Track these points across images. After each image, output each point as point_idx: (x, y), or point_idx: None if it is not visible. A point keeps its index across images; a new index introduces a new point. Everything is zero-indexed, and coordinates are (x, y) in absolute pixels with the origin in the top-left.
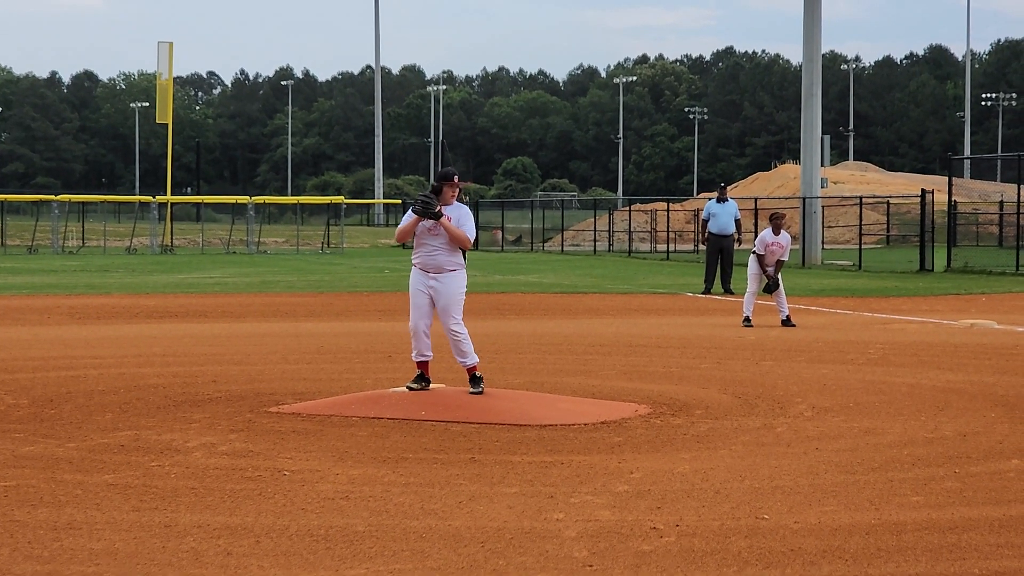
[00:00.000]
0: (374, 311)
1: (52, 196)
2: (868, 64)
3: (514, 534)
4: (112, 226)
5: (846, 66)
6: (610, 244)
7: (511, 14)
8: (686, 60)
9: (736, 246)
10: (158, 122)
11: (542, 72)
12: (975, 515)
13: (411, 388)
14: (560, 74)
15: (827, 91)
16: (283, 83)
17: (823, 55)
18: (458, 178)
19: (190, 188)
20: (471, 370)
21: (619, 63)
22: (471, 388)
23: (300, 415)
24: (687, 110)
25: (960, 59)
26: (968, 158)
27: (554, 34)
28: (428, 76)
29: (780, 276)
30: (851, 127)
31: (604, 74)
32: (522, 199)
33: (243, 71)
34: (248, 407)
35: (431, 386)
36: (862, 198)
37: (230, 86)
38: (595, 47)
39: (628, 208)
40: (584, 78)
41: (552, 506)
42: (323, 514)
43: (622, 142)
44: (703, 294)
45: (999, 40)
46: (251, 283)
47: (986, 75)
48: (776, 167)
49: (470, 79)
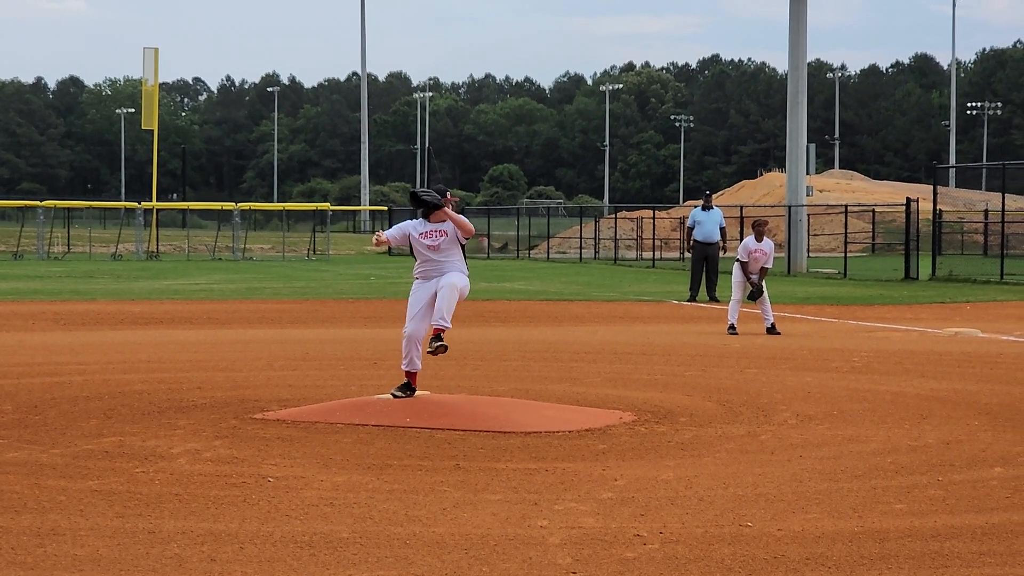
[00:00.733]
0: (360, 318)
1: (37, 202)
2: (854, 73)
3: (498, 541)
4: (98, 232)
5: (832, 74)
6: (596, 251)
7: (498, 21)
8: (672, 68)
9: (721, 254)
10: (144, 128)
11: (528, 79)
12: (958, 523)
13: (396, 396)
14: (546, 81)
15: (813, 99)
16: (269, 89)
17: (809, 63)
18: (450, 194)
19: (176, 194)
20: (438, 331)
21: (605, 70)
22: (432, 344)
23: (285, 422)
24: (673, 118)
25: (945, 68)
26: (953, 167)
27: (540, 41)
28: (414, 83)
29: (764, 284)
30: (837, 135)
31: (590, 81)
32: (508, 206)
33: (229, 77)
34: (233, 413)
35: (417, 394)
36: (847, 206)
37: (216, 92)
38: (581, 54)
39: (614, 216)
40: (570, 85)
41: (536, 513)
42: (307, 520)
43: (608, 149)
44: (688, 301)
45: (984, 49)
46: (237, 289)
47: (971, 84)
48: (762, 175)
49: (456, 86)
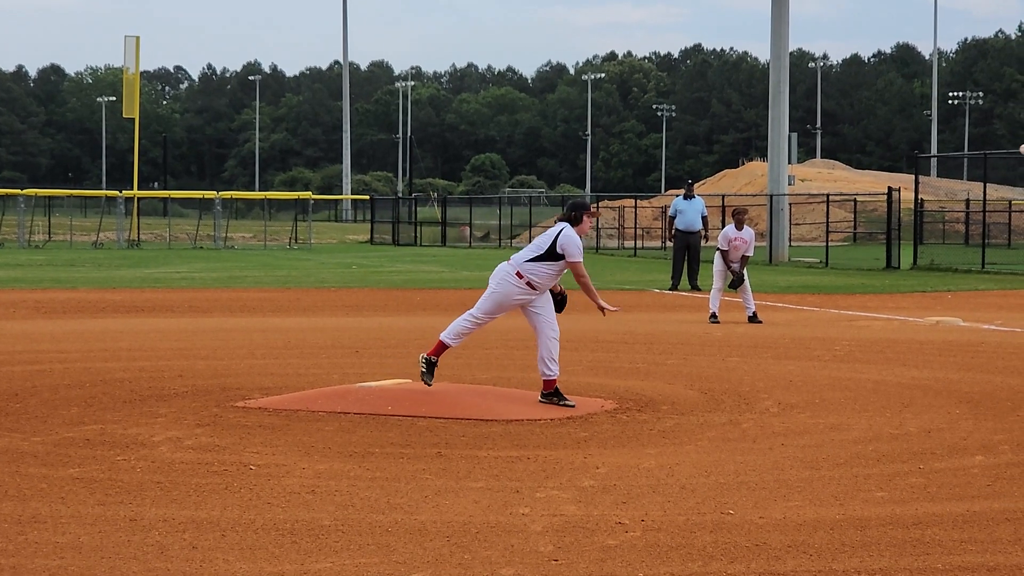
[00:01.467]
0: (341, 307)
1: (18, 190)
2: (836, 62)
3: (480, 528)
4: (78, 220)
5: (814, 64)
6: None
7: (480, 10)
8: (654, 57)
9: (703, 243)
10: (125, 116)
11: (511, 68)
12: (939, 511)
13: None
14: (528, 71)
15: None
16: (251, 78)
17: (791, 53)
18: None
19: (157, 183)
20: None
21: (587, 60)
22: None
23: (266, 410)
24: (655, 107)
25: (927, 58)
26: (935, 156)
27: (523, 30)
28: (396, 72)
29: (746, 272)
30: (819, 125)
31: (572, 71)
32: (490, 195)
33: (210, 66)
34: (214, 402)
35: (400, 383)
36: (829, 195)
37: (197, 81)
38: (564, 44)
39: (596, 205)
40: (552, 75)
41: (518, 500)
42: (289, 508)
43: (590, 139)
44: (670, 290)
45: (966, 39)
46: (218, 278)
47: (953, 74)
48: (744, 164)
49: (438, 75)
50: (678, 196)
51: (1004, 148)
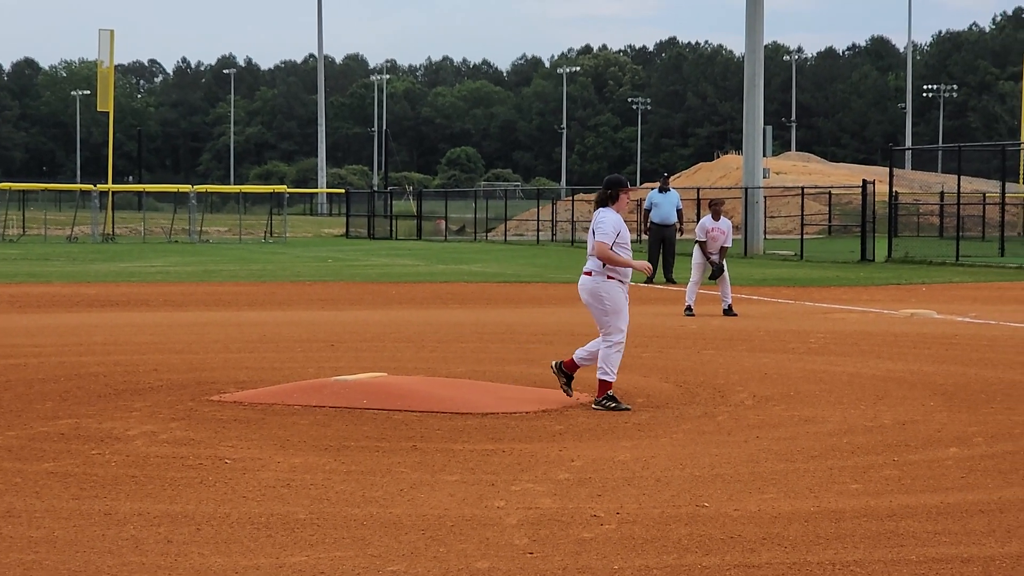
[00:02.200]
0: (317, 300)
1: None
2: (811, 55)
3: (455, 521)
4: (53, 215)
5: (788, 57)
6: (553, 234)
7: (455, 3)
8: (629, 50)
9: (678, 236)
10: (99, 110)
11: (486, 62)
12: (913, 503)
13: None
14: (504, 64)
15: (770, 82)
16: (225, 72)
17: (766, 46)
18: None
19: (132, 177)
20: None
21: (563, 53)
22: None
23: (242, 404)
24: (630, 100)
25: (902, 51)
26: (909, 149)
27: (498, 24)
28: (372, 65)
29: (725, 263)
30: (794, 118)
31: (548, 64)
32: (466, 189)
33: (185, 59)
34: (189, 396)
35: (375, 376)
36: (804, 188)
37: (172, 74)
38: (539, 37)
39: (571, 198)
40: (528, 68)
41: (493, 494)
42: (264, 502)
43: (565, 132)
44: (645, 283)
45: (940, 32)
46: (193, 272)
47: (927, 67)
48: (719, 157)
49: (414, 68)
50: (653, 189)
51: (978, 141)
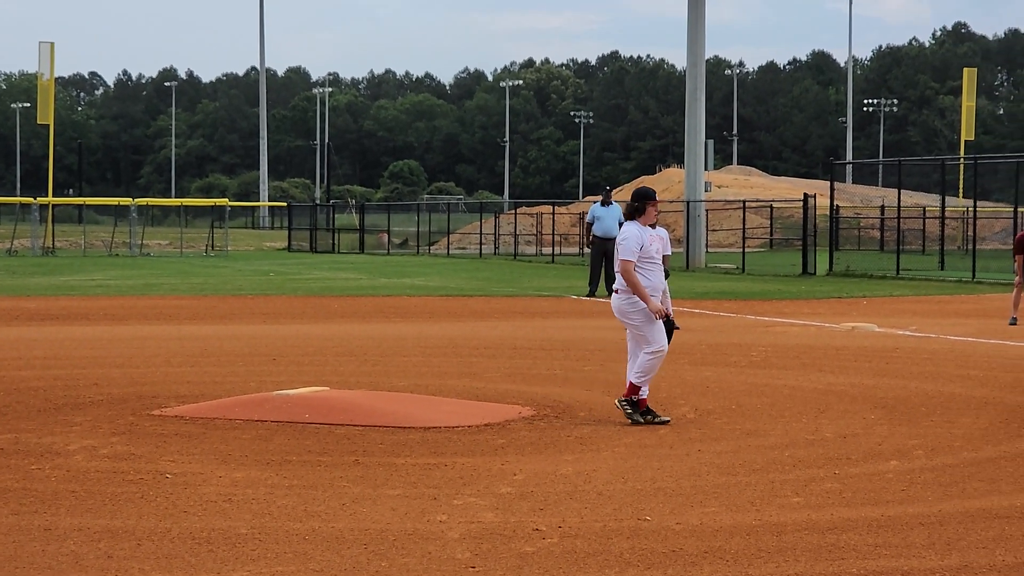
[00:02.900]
0: (259, 314)
1: None
2: (752, 69)
3: (397, 536)
4: None
5: (730, 71)
6: (496, 247)
7: (397, 16)
8: (572, 64)
9: None
10: (39, 123)
11: (428, 75)
12: (854, 515)
13: (651, 421)
14: (446, 77)
15: (711, 96)
16: (167, 84)
17: (707, 60)
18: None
19: (72, 190)
20: (631, 392)
21: (505, 67)
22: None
23: (183, 418)
24: (573, 114)
25: (842, 65)
26: (850, 163)
27: (440, 37)
28: (314, 78)
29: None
30: (735, 132)
31: (491, 77)
32: (408, 202)
33: (126, 72)
34: (130, 410)
35: (319, 390)
36: (745, 202)
37: (113, 87)
38: (481, 50)
39: (514, 211)
40: (470, 81)
41: (435, 508)
42: (206, 517)
43: (508, 145)
44: (587, 296)
45: (880, 47)
46: (134, 286)
47: (868, 81)
48: (661, 171)
49: (356, 81)
50: (596, 203)
51: (918, 155)
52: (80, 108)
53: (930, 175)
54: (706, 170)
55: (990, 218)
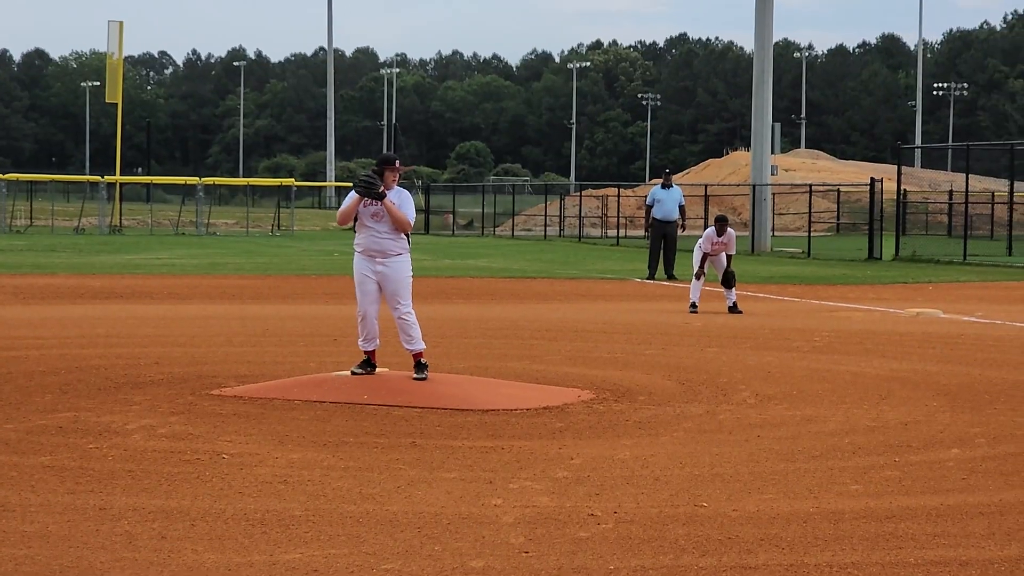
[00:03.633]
0: (321, 294)
1: (0, 175)
2: (821, 52)
3: (451, 519)
4: (61, 206)
5: (799, 54)
6: (561, 229)
7: None
8: (640, 46)
9: (680, 232)
10: (108, 101)
11: (496, 56)
12: (913, 504)
13: (356, 373)
14: (514, 59)
15: (780, 79)
16: (235, 64)
17: (776, 43)
18: (399, 163)
19: (140, 168)
20: (417, 356)
21: (573, 48)
22: (415, 374)
23: (242, 398)
24: (640, 96)
25: (912, 49)
26: (919, 147)
27: (508, 18)
28: (382, 59)
29: (733, 269)
30: (803, 115)
31: (558, 59)
32: (475, 183)
33: (195, 51)
34: (190, 389)
35: (376, 371)
36: (812, 186)
37: (182, 66)
38: (549, 32)
39: (579, 193)
40: (538, 63)
41: (491, 492)
42: (260, 498)
43: (575, 127)
44: (647, 279)
45: (951, 30)
46: (199, 265)
47: (938, 65)
48: (728, 154)
49: (424, 62)
50: (656, 185)
51: (987, 139)
52: (149, 87)
53: (999, 159)
54: (773, 153)
55: None
